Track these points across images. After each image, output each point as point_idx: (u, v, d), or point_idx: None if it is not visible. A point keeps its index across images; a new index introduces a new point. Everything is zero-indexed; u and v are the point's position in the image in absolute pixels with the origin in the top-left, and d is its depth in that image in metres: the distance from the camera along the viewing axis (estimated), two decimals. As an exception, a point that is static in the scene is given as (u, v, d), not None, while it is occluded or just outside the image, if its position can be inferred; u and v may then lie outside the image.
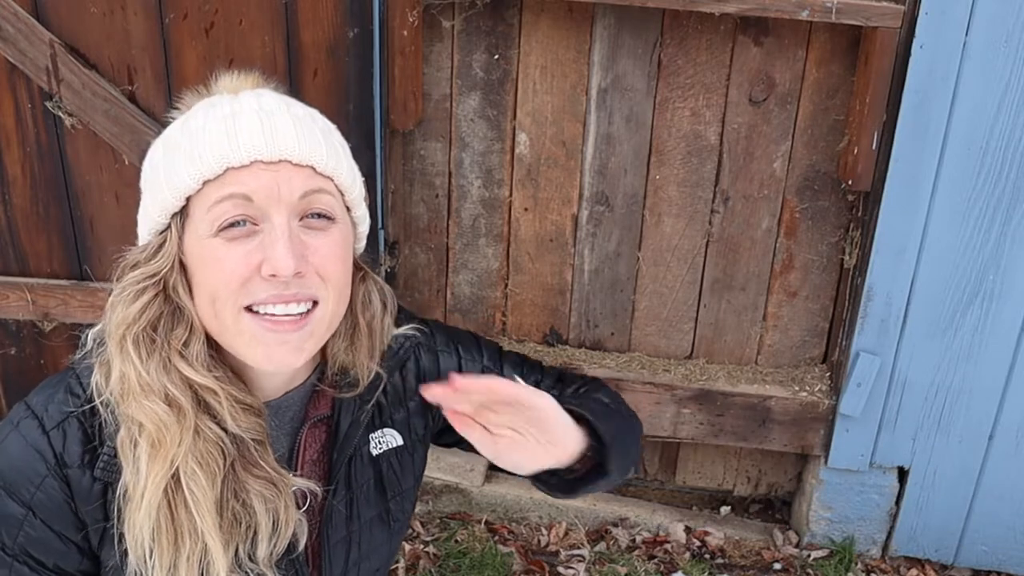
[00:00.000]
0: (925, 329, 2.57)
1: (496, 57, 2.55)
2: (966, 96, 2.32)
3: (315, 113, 1.22)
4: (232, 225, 1.11)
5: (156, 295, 1.15)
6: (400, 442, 1.38)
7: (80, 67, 2.41)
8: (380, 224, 2.63)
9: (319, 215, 1.15)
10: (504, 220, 2.74)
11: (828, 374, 2.80)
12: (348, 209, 1.22)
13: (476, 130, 2.64)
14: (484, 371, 1.43)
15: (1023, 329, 2.55)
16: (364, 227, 1.27)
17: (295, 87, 2.43)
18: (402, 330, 1.38)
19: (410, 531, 2.90)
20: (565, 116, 2.60)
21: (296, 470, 1.27)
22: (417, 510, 2.96)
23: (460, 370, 1.42)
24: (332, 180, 1.17)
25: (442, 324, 1.48)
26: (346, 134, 1.28)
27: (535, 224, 2.74)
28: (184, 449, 1.14)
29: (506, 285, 2.83)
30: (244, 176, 1.11)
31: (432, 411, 1.42)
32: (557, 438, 1.17)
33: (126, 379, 1.14)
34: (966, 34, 2.26)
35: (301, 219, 1.14)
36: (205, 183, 1.12)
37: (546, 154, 2.65)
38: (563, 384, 1.48)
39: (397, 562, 2.76)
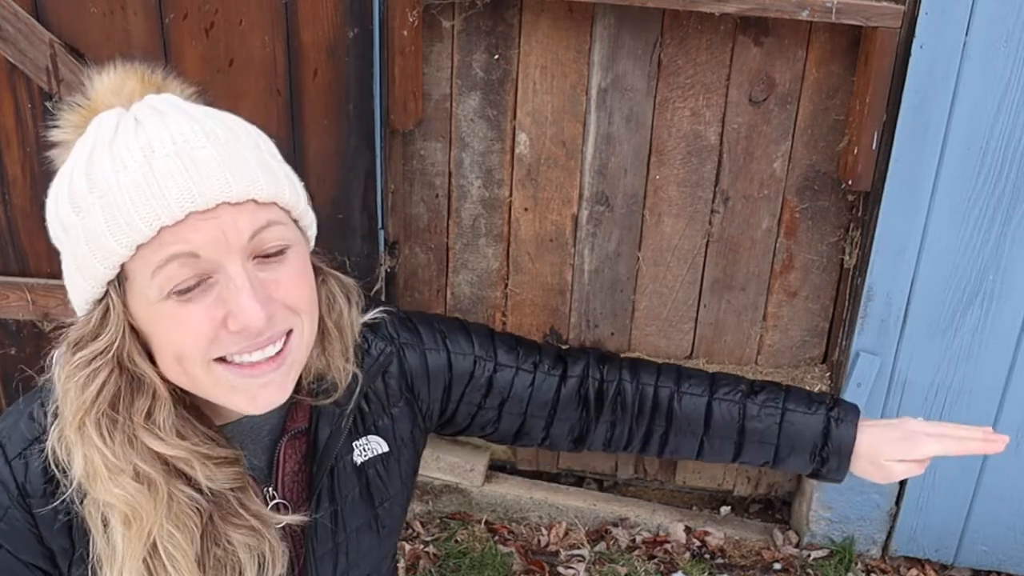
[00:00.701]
0: (925, 329, 2.57)
1: (496, 57, 2.55)
2: (966, 96, 2.32)
3: (233, 124, 1.08)
4: (184, 290, 1.01)
5: (111, 372, 1.06)
6: (385, 448, 1.32)
7: (80, 67, 2.41)
8: (380, 224, 2.64)
9: (274, 252, 1.06)
10: (504, 220, 2.74)
11: (828, 374, 2.80)
12: (296, 221, 1.11)
13: (476, 130, 2.64)
14: (476, 361, 1.37)
15: (1023, 329, 2.55)
16: (312, 231, 1.17)
17: (295, 87, 2.43)
18: (370, 316, 1.30)
19: (410, 531, 2.90)
20: (565, 116, 2.60)
21: (275, 485, 1.22)
22: (417, 510, 2.96)
23: (450, 366, 1.36)
24: (276, 204, 1.06)
25: (426, 316, 1.40)
26: (346, 134, 1.26)
27: (535, 224, 2.74)
28: (160, 519, 1.07)
29: (506, 285, 2.83)
30: (182, 231, 0.99)
31: (422, 413, 1.36)
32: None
33: (90, 463, 1.07)
34: (966, 34, 2.26)
35: (254, 258, 1.04)
36: (139, 247, 1.00)
37: (546, 154, 2.65)
38: (565, 363, 1.42)
39: (397, 562, 2.76)
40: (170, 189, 0.98)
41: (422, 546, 2.85)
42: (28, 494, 1.12)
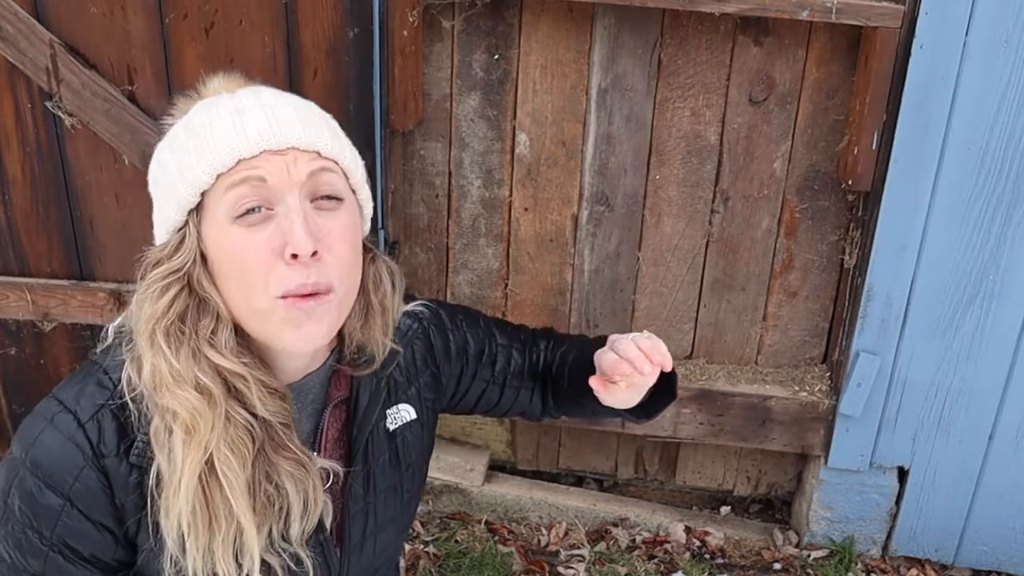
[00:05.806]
0: (925, 329, 2.57)
1: (496, 57, 2.55)
2: (966, 96, 2.32)
3: (311, 104, 1.28)
4: (248, 212, 1.16)
5: (181, 289, 1.20)
6: (414, 415, 1.46)
7: (80, 67, 2.41)
8: (380, 224, 2.64)
9: (328, 196, 1.21)
10: (504, 220, 2.75)
11: (828, 374, 2.80)
12: (353, 191, 1.27)
13: (476, 130, 2.64)
14: (487, 342, 1.56)
15: (1023, 329, 2.55)
16: (368, 209, 1.33)
17: (295, 87, 2.43)
18: (410, 307, 1.47)
19: (410, 531, 2.90)
20: (565, 116, 2.60)
21: (319, 450, 1.33)
22: (417, 510, 2.96)
23: (466, 345, 1.54)
24: (337, 163, 1.23)
25: (445, 303, 1.59)
26: (346, 134, 1.31)
27: (535, 224, 2.74)
28: (217, 435, 1.18)
29: (506, 285, 2.83)
30: (256, 162, 1.17)
31: (443, 385, 1.52)
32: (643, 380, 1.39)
33: (158, 371, 1.19)
34: (966, 34, 2.26)
35: (312, 201, 1.19)
36: (218, 177, 1.17)
37: (546, 154, 2.65)
38: (556, 342, 1.62)
39: (397, 563, 2.76)
40: (251, 129, 1.17)
41: (422, 546, 2.85)
42: (103, 454, 1.21)
